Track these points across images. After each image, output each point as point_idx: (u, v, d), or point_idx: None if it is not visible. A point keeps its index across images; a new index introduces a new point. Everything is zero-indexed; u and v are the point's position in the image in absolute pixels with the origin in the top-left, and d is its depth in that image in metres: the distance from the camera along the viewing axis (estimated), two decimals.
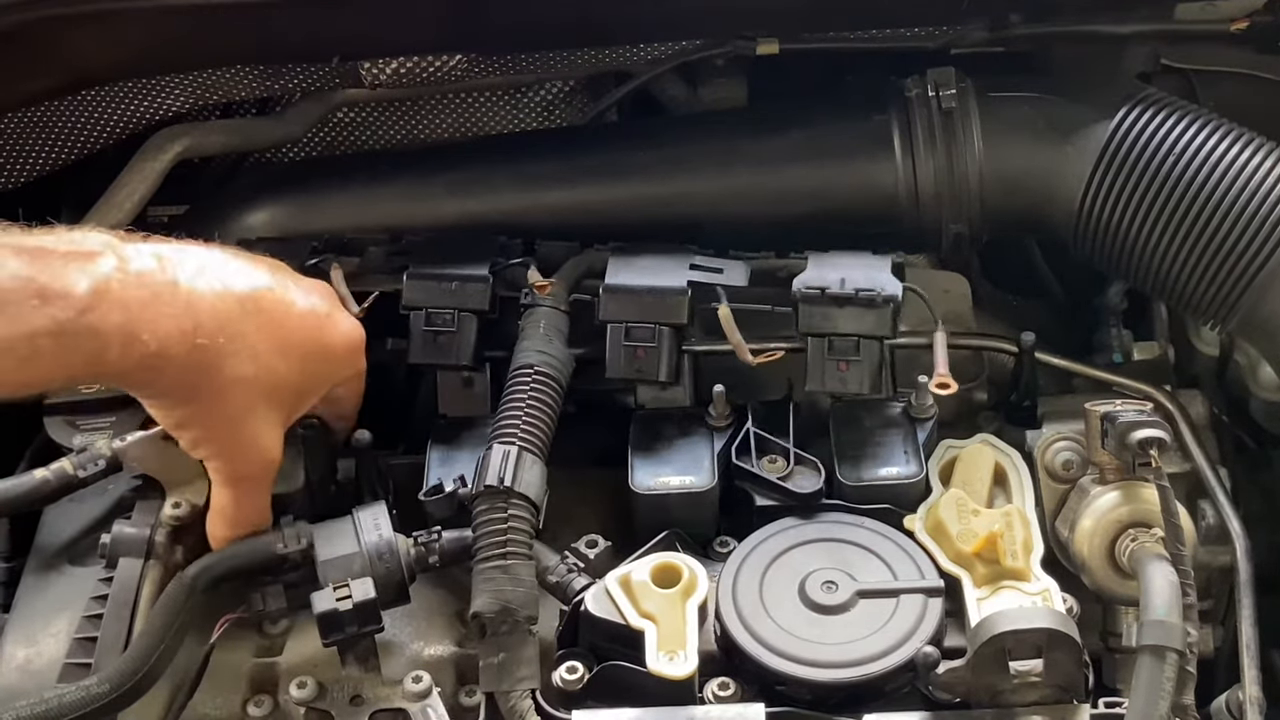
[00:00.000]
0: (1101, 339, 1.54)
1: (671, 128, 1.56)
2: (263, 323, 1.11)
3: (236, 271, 1.12)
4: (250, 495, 1.16)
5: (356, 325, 1.22)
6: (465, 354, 1.33)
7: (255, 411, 1.12)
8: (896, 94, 1.42)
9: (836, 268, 1.31)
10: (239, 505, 1.15)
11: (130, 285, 1.01)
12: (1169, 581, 1.09)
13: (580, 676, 1.11)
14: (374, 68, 1.50)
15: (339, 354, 1.20)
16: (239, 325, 1.08)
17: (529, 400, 1.22)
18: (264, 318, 1.11)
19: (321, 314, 1.18)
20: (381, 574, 1.14)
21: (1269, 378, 1.47)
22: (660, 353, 1.30)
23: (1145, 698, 1.02)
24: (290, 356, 1.13)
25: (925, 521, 1.21)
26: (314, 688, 1.14)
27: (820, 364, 1.29)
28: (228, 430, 1.12)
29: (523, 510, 1.15)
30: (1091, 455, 1.25)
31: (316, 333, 1.17)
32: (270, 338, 1.11)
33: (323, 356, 1.18)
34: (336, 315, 1.20)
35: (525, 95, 1.59)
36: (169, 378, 1.06)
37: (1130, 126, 1.32)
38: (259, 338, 1.10)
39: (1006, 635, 1.06)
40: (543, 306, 1.31)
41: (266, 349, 1.11)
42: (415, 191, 1.47)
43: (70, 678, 1.09)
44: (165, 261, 1.06)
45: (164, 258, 1.06)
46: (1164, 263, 1.31)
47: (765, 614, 1.14)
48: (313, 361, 1.17)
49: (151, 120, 1.51)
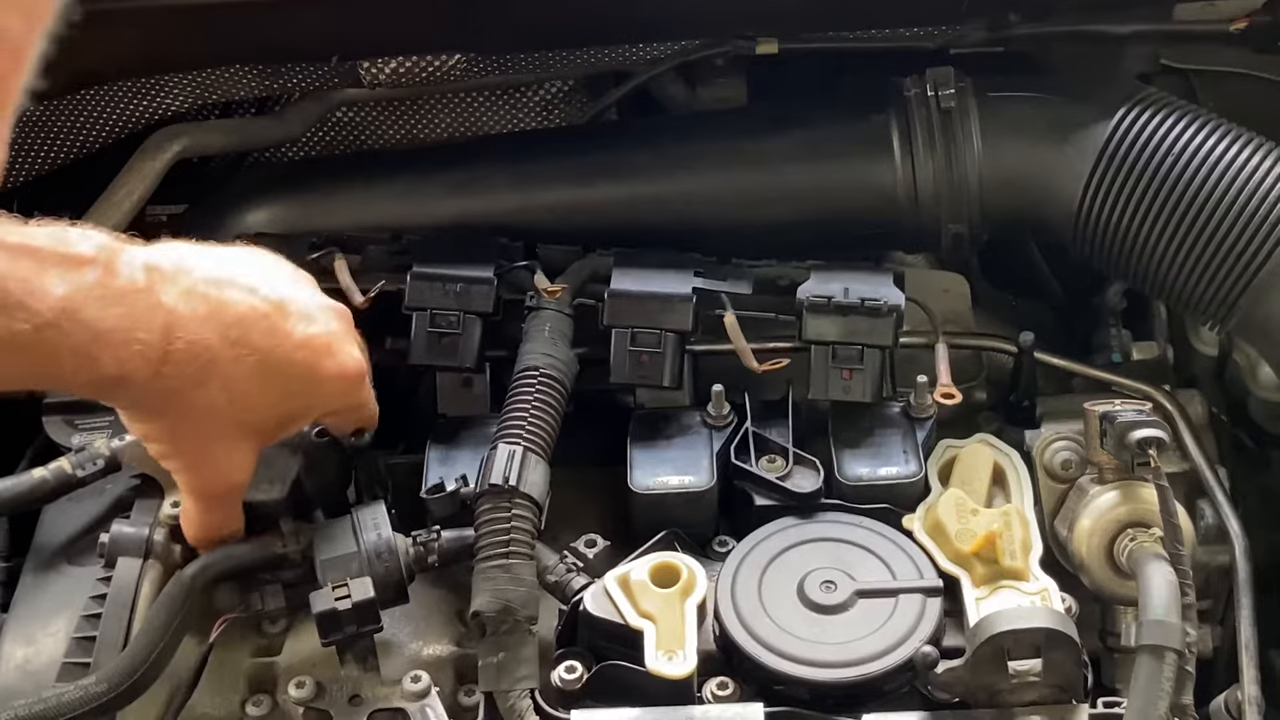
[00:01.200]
0: (1100, 339, 1.54)
1: (671, 128, 1.56)
2: (244, 351, 1.05)
3: (235, 290, 1.06)
4: (213, 508, 1.14)
5: (357, 359, 1.14)
6: (469, 356, 1.33)
7: (223, 437, 1.08)
8: (896, 94, 1.42)
9: (839, 278, 1.32)
10: (203, 514, 1.14)
11: (107, 301, 0.96)
12: (1168, 581, 1.09)
13: (579, 676, 1.11)
14: (373, 67, 1.50)
15: (331, 385, 1.13)
16: (214, 354, 1.03)
17: (534, 402, 1.22)
18: (248, 345, 1.05)
19: (319, 344, 1.11)
20: (380, 574, 1.14)
21: (1268, 378, 1.47)
22: (665, 358, 1.30)
23: (1144, 697, 1.02)
24: (272, 386, 1.08)
25: (924, 521, 1.21)
26: (313, 687, 1.14)
27: (824, 372, 1.29)
28: (192, 450, 1.09)
29: (526, 510, 1.15)
30: (1090, 455, 1.25)
31: (308, 363, 1.10)
32: (250, 366, 1.06)
33: (312, 387, 1.12)
34: (337, 346, 1.12)
35: (524, 95, 1.59)
36: (131, 398, 1.03)
37: (1130, 127, 1.32)
38: (236, 367, 1.05)
39: (1005, 635, 1.06)
40: (547, 310, 1.32)
41: (243, 377, 1.05)
42: (414, 191, 1.47)
43: (69, 677, 1.09)
44: (155, 276, 1.00)
45: (156, 270, 1.01)
46: (1163, 263, 1.31)
47: (764, 614, 1.14)
48: (299, 391, 1.11)
49: (151, 120, 1.51)
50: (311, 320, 1.11)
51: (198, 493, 1.13)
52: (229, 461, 1.11)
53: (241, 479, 1.12)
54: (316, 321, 1.11)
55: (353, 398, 1.17)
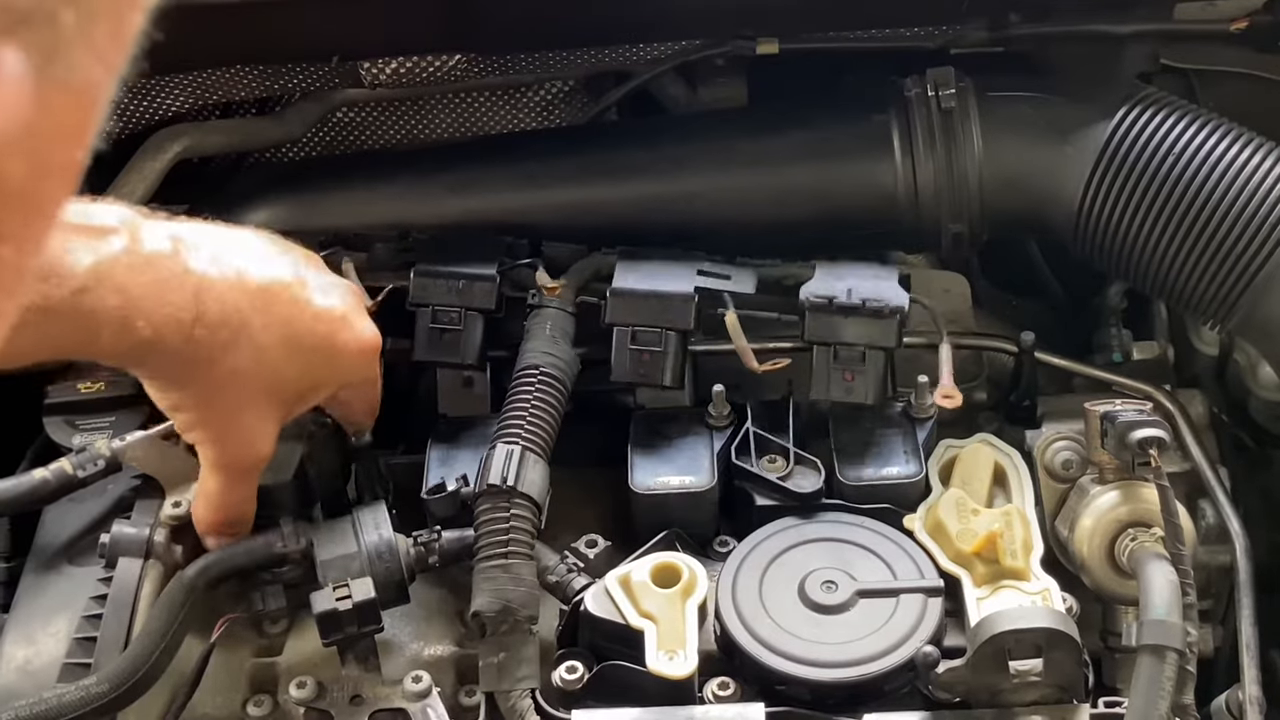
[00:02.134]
0: (1101, 339, 1.54)
1: (671, 127, 1.56)
2: (271, 319, 1.08)
3: (256, 261, 1.09)
4: (236, 483, 1.15)
5: (374, 331, 1.19)
6: (471, 353, 1.33)
7: (252, 405, 1.11)
8: (896, 94, 1.41)
9: (844, 277, 1.32)
10: (224, 491, 1.15)
11: (136, 268, 0.99)
12: (1169, 581, 1.09)
13: (580, 676, 1.11)
14: (374, 67, 1.50)
15: (349, 358, 1.16)
16: (244, 318, 1.06)
17: (534, 401, 1.22)
18: (273, 314, 1.09)
19: (336, 315, 1.14)
20: (381, 574, 1.14)
21: (1269, 377, 1.47)
22: (666, 357, 1.30)
23: (1145, 697, 1.02)
24: (295, 355, 1.11)
25: (925, 521, 1.21)
26: (314, 687, 1.14)
27: (826, 373, 1.29)
28: (221, 419, 1.11)
29: (525, 510, 1.15)
30: (1091, 455, 1.25)
31: (327, 334, 1.14)
32: (277, 334, 1.09)
33: (331, 359, 1.15)
34: (353, 318, 1.17)
35: (525, 95, 1.58)
36: (163, 362, 1.05)
37: (1130, 126, 1.32)
38: (264, 333, 1.08)
39: (1006, 635, 1.06)
40: (549, 308, 1.32)
41: (271, 345, 1.09)
42: (415, 191, 1.47)
43: (69, 677, 1.09)
44: (180, 245, 1.03)
45: (180, 240, 1.04)
46: (1164, 262, 1.31)
47: (765, 614, 1.14)
48: (319, 363, 1.14)
49: (152, 120, 1.51)
50: (328, 293, 1.15)
51: (223, 466, 1.13)
52: (256, 430, 1.12)
53: (266, 451, 1.14)
54: (333, 295, 1.15)
55: (369, 370, 1.20)
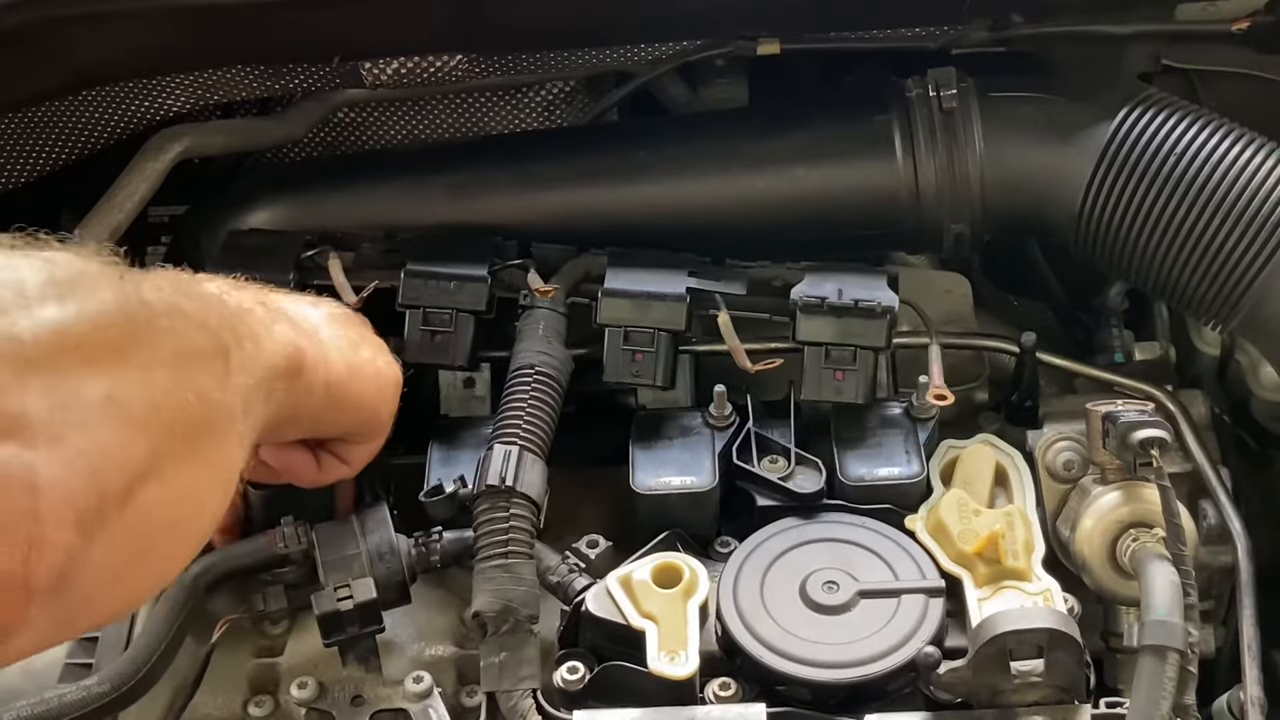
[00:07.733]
0: (1103, 339, 1.54)
1: (672, 128, 1.56)
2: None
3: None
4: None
5: (395, 369, 1.21)
6: (462, 355, 1.33)
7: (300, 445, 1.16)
8: (897, 94, 1.41)
9: (833, 279, 1.32)
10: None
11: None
12: (1170, 581, 1.09)
13: (581, 676, 1.11)
14: (374, 68, 1.50)
15: (387, 417, 1.19)
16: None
17: (530, 400, 1.22)
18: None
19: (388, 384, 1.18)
20: (382, 574, 1.14)
21: (1270, 378, 1.47)
22: (658, 357, 1.30)
23: (1146, 698, 1.02)
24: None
25: (926, 521, 1.21)
26: (315, 688, 1.14)
27: (817, 373, 1.29)
28: (268, 452, 1.13)
29: (524, 510, 1.15)
30: (1093, 455, 1.25)
31: (378, 393, 1.17)
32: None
33: (380, 421, 1.18)
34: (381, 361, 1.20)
35: (525, 95, 1.58)
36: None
37: (1131, 126, 1.32)
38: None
39: (1008, 635, 1.06)
40: (541, 308, 1.31)
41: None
42: (416, 191, 1.47)
43: (71, 678, 1.09)
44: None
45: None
46: (1165, 263, 1.31)
47: (766, 614, 1.14)
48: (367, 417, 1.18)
49: (151, 120, 1.51)
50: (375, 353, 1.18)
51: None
52: (294, 459, 1.16)
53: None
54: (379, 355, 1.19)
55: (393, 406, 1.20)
